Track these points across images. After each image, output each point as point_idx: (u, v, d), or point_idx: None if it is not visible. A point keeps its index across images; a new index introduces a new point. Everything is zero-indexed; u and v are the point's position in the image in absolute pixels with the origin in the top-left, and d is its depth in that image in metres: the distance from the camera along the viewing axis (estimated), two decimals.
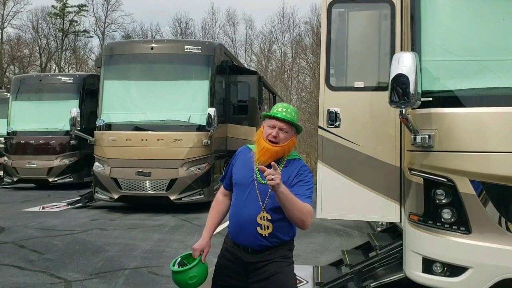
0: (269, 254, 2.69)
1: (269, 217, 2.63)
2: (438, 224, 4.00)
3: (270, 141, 2.67)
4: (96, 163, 10.92)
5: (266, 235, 2.65)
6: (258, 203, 2.65)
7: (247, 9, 60.88)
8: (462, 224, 3.91)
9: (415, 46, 4.16)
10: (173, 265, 2.81)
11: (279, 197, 2.46)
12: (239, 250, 2.74)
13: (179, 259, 2.87)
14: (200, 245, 2.84)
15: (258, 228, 2.64)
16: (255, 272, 2.69)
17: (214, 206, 2.98)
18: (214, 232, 2.95)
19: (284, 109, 2.73)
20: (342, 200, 4.88)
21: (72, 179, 15.06)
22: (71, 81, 15.69)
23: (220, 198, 2.98)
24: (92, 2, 44.40)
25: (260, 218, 2.63)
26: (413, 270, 4.22)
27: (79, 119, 10.86)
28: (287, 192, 2.47)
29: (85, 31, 44.31)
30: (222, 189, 2.99)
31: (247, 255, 2.71)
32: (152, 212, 10.50)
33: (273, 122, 2.70)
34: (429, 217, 4.06)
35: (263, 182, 2.60)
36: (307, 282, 5.38)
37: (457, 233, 3.93)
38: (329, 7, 4.99)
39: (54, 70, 41.20)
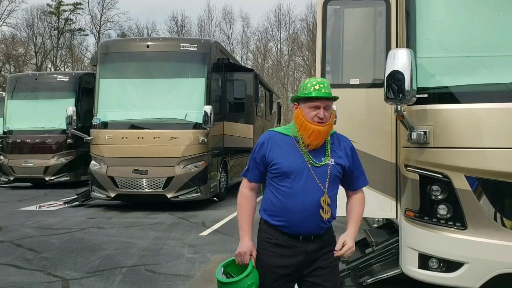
0: (326, 236, 2.66)
1: (329, 202, 2.60)
2: (434, 220, 4.02)
3: (318, 122, 2.55)
4: (93, 162, 10.91)
5: (327, 219, 2.60)
6: (319, 187, 2.56)
7: (244, 6, 60.95)
8: (457, 220, 3.93)
9: (410, 42, 4.17)
10: (219, 276, 2.57)
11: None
12: (299, 241, 2.58)
13: (222, 269, 2.62)
14: (247, 248, 2.60)
15: (321, 211, 2.56)
16: (316, 261, 2.61)
17: (243, 204, 2.70)
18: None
19: (321, 85, 2.56)
20: (339, 196, 4.86)
21: (68, 177, 15.04)
22: (67, 79, 15.66)
23: (247, 194, 2.72)
24: (88, 0, 44.21)
25: (323, 201, 2.56)
26: (409, 266, 4.24)
27: (75, 117, 10.84)
28: (357, 228, 2.72)
29: (80, 29, 44.22)
30: (247, 183, 2.72)
31: (310, 244, 2.59)
32: (149, 210, 10.50)
33: (316, 103, 2.55)
34: (425, 213, 4.08)
35: (319, 164, 2.57)
36: None
37: (453, 229, 3.95)
38: (325, 4, 4.99)
39: (50, 68, 41.10)
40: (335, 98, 2.65)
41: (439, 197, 4.00)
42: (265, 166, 2.63)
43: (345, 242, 2.61)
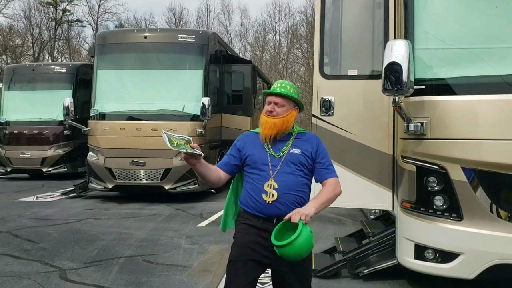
0: None
1: (276, 186, 2.75)
2: (430, 211, 4.05)
3: (267, 115, 2.84)
4: (90, 153, 10.89)
5: (270, 202, 2.75)
6: (269, 173, 2.79)
7: None
8: (453, 211, 3.96)
9: (408, 34, 4.17)
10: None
11: (318, 211, 2.67)
12: (274, 224, 2.73)
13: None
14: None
15: (263, 195, 2.76)
16: None
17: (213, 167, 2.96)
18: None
19: (279, 85, 2.90)
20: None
21: (66, 169, 15.02)
22: (64, 70, 15.59)
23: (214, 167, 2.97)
24: None
25: (267, 186, 2.76)
26: (406, 256, 4.27)
27: (72, 108, 10.80)
28: (319, 204, 2.68)
29: (78, 20, 43.95)
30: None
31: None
32: (147, 201, 10.51)
33: (269, 98, 2.88)
34: (421, 204, 4.11)
35: (277, 155, 2.80)
36: None
37: (449, 220, 3.98)
38: None
39: (47, 59, 40.89)
40: (292, 99, 2.87)
41: (436, 188, 4.02)
42: (240, 159, 2.95)
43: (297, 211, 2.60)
